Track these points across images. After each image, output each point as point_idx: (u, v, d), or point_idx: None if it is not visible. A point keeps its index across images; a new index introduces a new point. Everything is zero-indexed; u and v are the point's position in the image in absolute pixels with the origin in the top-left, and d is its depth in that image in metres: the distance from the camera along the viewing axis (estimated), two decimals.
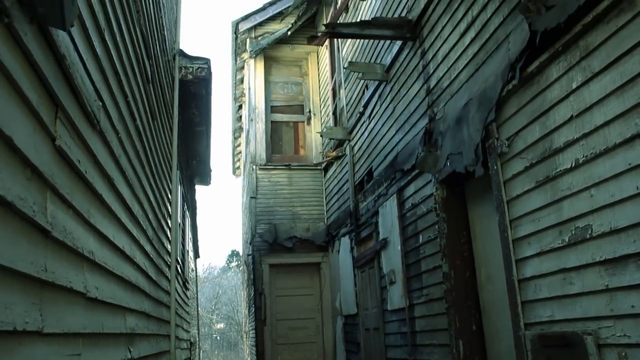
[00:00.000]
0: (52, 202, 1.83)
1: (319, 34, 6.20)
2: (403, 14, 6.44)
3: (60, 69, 1.90)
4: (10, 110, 1.45)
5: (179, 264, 7.77)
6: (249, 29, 12.96)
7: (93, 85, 2.41)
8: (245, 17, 12.94)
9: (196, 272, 17.68)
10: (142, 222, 4.09)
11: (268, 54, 12.99)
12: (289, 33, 12.38)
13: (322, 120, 12.40)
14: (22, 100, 1.54)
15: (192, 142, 10.43)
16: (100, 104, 2.56)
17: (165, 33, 6.33)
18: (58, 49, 1.80)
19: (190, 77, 7.33)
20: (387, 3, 7.18)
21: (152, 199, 4.78)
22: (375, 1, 7.68)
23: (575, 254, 3.41)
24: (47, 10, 1.46)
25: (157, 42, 5.31)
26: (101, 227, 2.61)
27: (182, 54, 7.35)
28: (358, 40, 8.50)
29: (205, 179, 13.37)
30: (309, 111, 12.84)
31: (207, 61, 7.31)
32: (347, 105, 9.73)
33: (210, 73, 7.42)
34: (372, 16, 7.64)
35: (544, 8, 3.66)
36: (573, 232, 3.42)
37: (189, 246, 12.51)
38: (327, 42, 11.40)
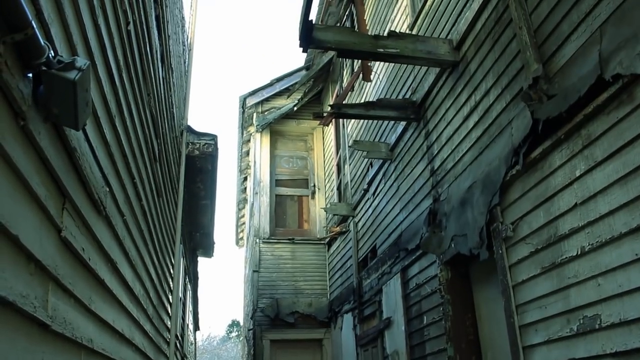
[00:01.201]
0: (54, 294, 1.82)
1: (325, 114, 6.33)
2: (407, 96, 6.58)
3: (70, 161, 1.93)
4: (19, 209, 1.47)
5: (178, 339, 7.62)
6: (256, 104, 13.23)
7: (101, 171, 2.44)
8: (253, 92, 13.24)
9: (195, 345, 17.30)
10: (142, 302, 4.04)
11: (274, 128, 13.21)
12: (295, 109, 12.63)
13: (327, 195, 12.45)
14: (31, 196, 1.56)
15: (197, 215, 10.45)
16: (107, 189, 2.59)
17: (174, 110, 6.47)
18: (69, 142, 1.84)
19: (196, 152, 7.44)
20: (391, 84, 7.35)
21: (154, 276, 4.75)
22: (380, 82, 7.87)
23: (585, 344, 3.33)
24: (61, 111, 1.49)
25: (165, 121, 5.42)
26: (101, 313, 2.58)
27: (190, 130, 7.48)
28: None
29: (209, 252, 13.32)
30: (314, 186, 12.91)
31: (214, 137, 7.43)
32: (351, 181, 9.80)
33: (216, 149, 7.52)
34: (377, 96, 7.81)
35: (546, 97, 3.74)
36: (581, 321, 3.36)
37: (189, 320, 12.31)
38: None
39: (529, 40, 3.93)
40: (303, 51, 4.93)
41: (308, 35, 4.69)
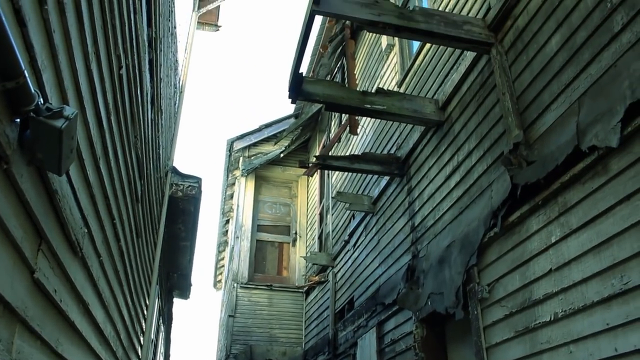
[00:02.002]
0: (20, 336, 1.80)
1: (310, 165, 6.39)
2: (392, 151, 6.68)
3: (50, 203, 1.94)
4: None
5: None
6: (243, 148, 13.32)
7: (81, 213, 2.45)
8: (241, 137, 13.33)
9: None
10: (112, 344, 3.98)
11: (259, 174, 13.26)
12: (282, 155, 12.72)
13: (308, 244, 12.42)
14: (7, 239, 1.56)
15: (176, 256, 10.36)
16: (86, 230, 2.59)
17: (161, 151, 6.50)
18: (51, 185, 1.85)
19: (180, 194, 7.44)
20: (377, 138, 7.46)
21: (126, 317, 4.68)
22: (367, 136, 7.99)
23: None
24: (45, 156, 1.52)
25: (151, 162, 5.44)
26: (68, 355, 2.55)
27: (175, 171, 7.50)
28: None
29: (185, 293, 13.16)
30: (295, 233, 12.90)
31: (198, 180, 7.45)
32: (333, 231, 9.81)
33: (200, 192, 7.53)
34: (363, 149, 7.92)
35: (525, 162, 3.82)
36: None
37: None
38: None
39: (511, 106, 4.04)
40: (292, 102, 5.02)
41: (297, 87, 4.78)
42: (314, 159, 6.13)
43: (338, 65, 9.83)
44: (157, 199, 6.47)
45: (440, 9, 5.65)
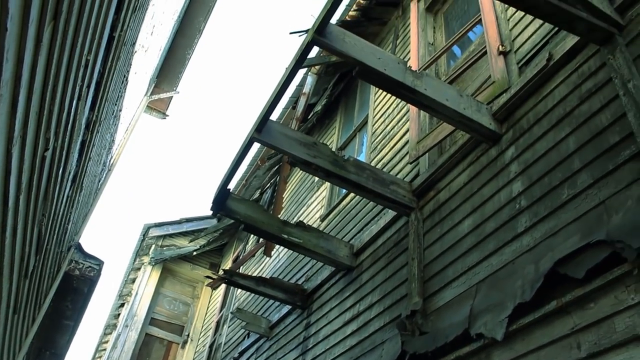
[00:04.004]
0: None
1: (215, 277, 6.31)
2: (300, 281, 6.71)
3: None
4: None
5: None
6: (158, 237, 13.05)
7: None
8: (159, 225, 13.10)
9: None
10: None
11: (167, 266, 12.94)
12: (195, 253, 12.50)
13: (197, 349, 11.94)
14: None
15: (54, 333, 9.68)
16: None
17: (69, 226, 6.28)
18: None
19: (77, 272, 7.12)
20: (290, 264, 7.50)
21: None
22: (280, 259, 8.02)
23: None
24: None
25: (55, 236, 5.24)
26: None
27: (79, 248, 7.22)
28: None
29: None
30: (188, 335, 12.41)
31: (100, 263, 7.18)
32: (225, 344, 9.51)
33: (99, 275, 7.23)
34: (275, 271, 7.91)
35: (419, 331, 3.91)
36: None
37: None
38: (225, 267, 11.51)
39: (417, 272, 4.19)
40: (213, 215, 5.04)
41: (221, 202, 4.82)
42: (222, 272, 6.06)
43: (271, 182, 10.00)
44: (50, 273, 6.16)
45: (375, 160, 5.96)
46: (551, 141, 3.42)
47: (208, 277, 6.45)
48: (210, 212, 5.58)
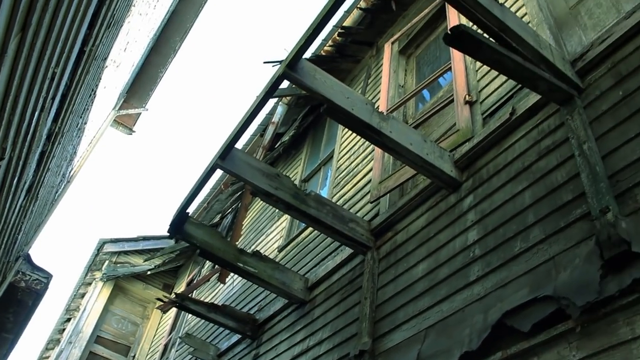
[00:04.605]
0: None
1: (166, 300, 6.20)
2: (253, 311, 6.63)
3: None
4: None
5: None
6: (113, 253, 12.80)
7: None
8: (115, 241, 12.86)
9: None
10: None
11: (119, 283, 12.66)
12: (149, 273, 12.28)
13: None
14: None
15: None
16: None
17: (19, 236, 6.11)
18: None
19: (23, 284, 6.90)
20: (244, 292, 7.41)
21: None
22: (235, 286, 7.92)
23: None
24: None
25: (2, 246, 5.09)
26: None
27: (28, 259, 7.01)
28: None
29: None
30: (134, 357, 12.11)
31: (48, 276, 6.98)
32: None
33: (46, 289, 7.02)
34: (229, 298, 7.81)
35: None
36: None
37: None
38: (179, 289, 11.32)
39: (368, 312, 4.19)
40: (169, 237, 4.98)
41: (179, 225, 4.77)
42: (174, 295, 5.96)
43: (233, 207, 9.94)
44: None
45: (337, 196, 5.99)
46: (508, 193, 3.49)
47: (159, 299, 6.33)
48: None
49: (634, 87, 3.03)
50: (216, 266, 8.77)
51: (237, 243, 8.11)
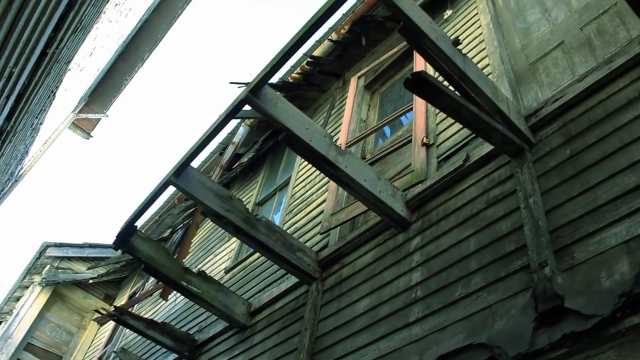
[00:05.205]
0: None
1: (104, 312, 6.05)
2: (193, 331, 6.52)
3: None
4: None
5: None
6: (56, 257, 12.46)
7: None
8: (59, 245, 12.52)
9: None
10: None
11: (59, 290, 12.30)
12: (91, 281, 11.96)
13: None
14: None
15: None
16: None
17: None
18: None
19: None
20: (186, 310, 7.29)
21: None
22: (177, 303, 7.79)
23: None
24: None
25: None
26: None
27: None
28: None
29: None
30: None
31: None
32: None
33: None
34: (170, 315, 7.68)
35: None
36: None
37: None
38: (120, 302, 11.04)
39: (307, 344, 4.17)
40: (114, 249, 4.88)
41: (126, 237, 4.68)
42: (113, 308, 5.82)
43: (184, 223, 9.82)
44: None
45: (289, 224, 5.99)
46: (455, 238, 3.56)
47: (97, 311, 6.16)
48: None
49: (580, 148, 3.15)
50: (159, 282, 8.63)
51: (184, 260, 8.01)
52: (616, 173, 2.84)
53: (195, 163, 4.30)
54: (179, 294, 7.61)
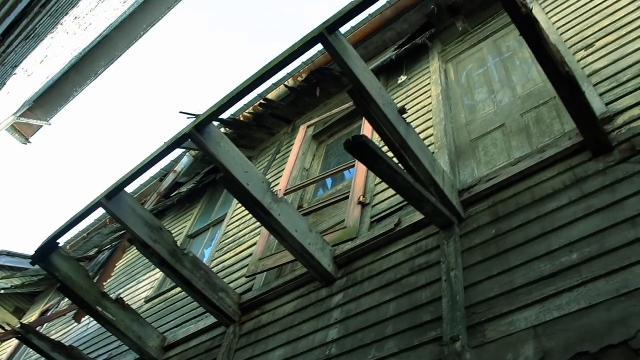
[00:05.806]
0: None
1: (8, 329, 5.77)
2: (101, 359, 6.28)
3: None
4: None
5: None
6: None
7: None
8: None
9: None
10: None
11: None
12: (2, 292, 11.38)
13: None
14: None
15: None
16: None
17: None
18: None
19: None
20: (100, 335, 7.02)
21: None
22: (89, 329, 7.50)
23: None
24: None
25: None
26: None
27: None
28: None
29: None
30: None
31: None
32: None
33: None
34: (83, 338, 7.38)
35: None
36: None
37: None
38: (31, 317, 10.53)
39: None
40: (31, 264, 4.70)
41: (46, 254, 4.53)
42: (19, 325, 5.55)
43: (112, 245, 9.55)
44: None
45: (218, 261, 5.92)
46: (376, 300, 3.60)
47: (0, 326, 5.87)
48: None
49: (505, 229, 3.27)
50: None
51: (105, 283, 7.76)
52: (534, 259, 2.95)
53: (133, 186, 4.25)
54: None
